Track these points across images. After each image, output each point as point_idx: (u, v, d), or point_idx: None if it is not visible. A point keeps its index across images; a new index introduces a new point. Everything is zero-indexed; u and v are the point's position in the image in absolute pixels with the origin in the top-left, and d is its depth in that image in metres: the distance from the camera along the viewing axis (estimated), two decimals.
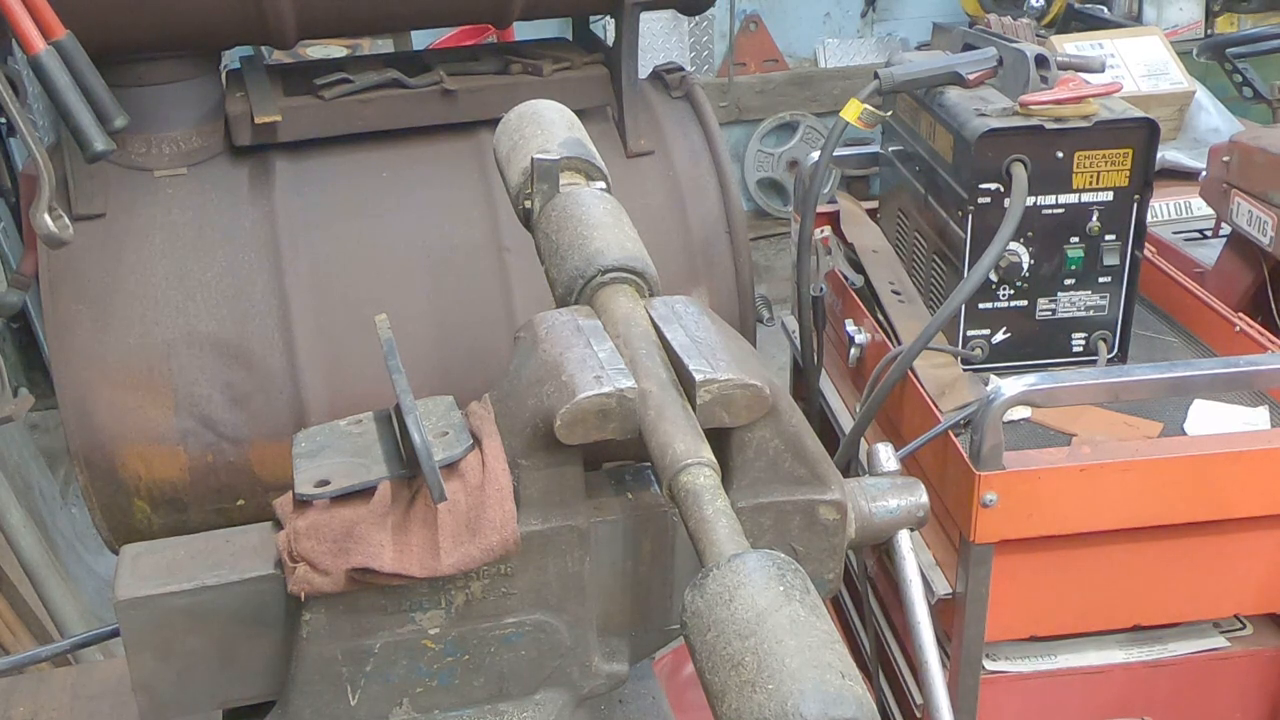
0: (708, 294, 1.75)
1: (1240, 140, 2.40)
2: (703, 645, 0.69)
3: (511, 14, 1.74)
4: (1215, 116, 3.27)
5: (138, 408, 1.55)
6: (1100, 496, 1.68)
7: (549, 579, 1.00)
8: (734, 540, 0.77)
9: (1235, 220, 2.38)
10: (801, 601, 0.69)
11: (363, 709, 1.01)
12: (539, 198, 1.13)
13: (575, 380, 0.92)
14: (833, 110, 4.31)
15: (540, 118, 1.22)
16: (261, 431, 1.58)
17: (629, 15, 1.71)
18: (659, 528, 1.03)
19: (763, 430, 0.98)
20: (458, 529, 0.94)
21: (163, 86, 1.62)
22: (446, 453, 0.96)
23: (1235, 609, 1.90)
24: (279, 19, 1.57)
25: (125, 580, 0.99)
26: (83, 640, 1.23)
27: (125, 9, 1.51)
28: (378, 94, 1.69)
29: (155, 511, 1.59)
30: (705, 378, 0.91)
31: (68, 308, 1.55)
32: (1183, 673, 1.90)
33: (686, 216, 1.75)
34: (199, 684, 1.02)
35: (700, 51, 5.73)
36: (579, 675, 1.05)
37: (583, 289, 1.05)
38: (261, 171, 1.66)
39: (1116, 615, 1.87)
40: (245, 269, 1.60)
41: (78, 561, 3.20)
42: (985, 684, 1.85)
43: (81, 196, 1.58)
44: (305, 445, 1.02)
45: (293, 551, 0.95)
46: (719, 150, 1.80)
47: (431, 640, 1.00)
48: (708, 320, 1.00)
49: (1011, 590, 1.77)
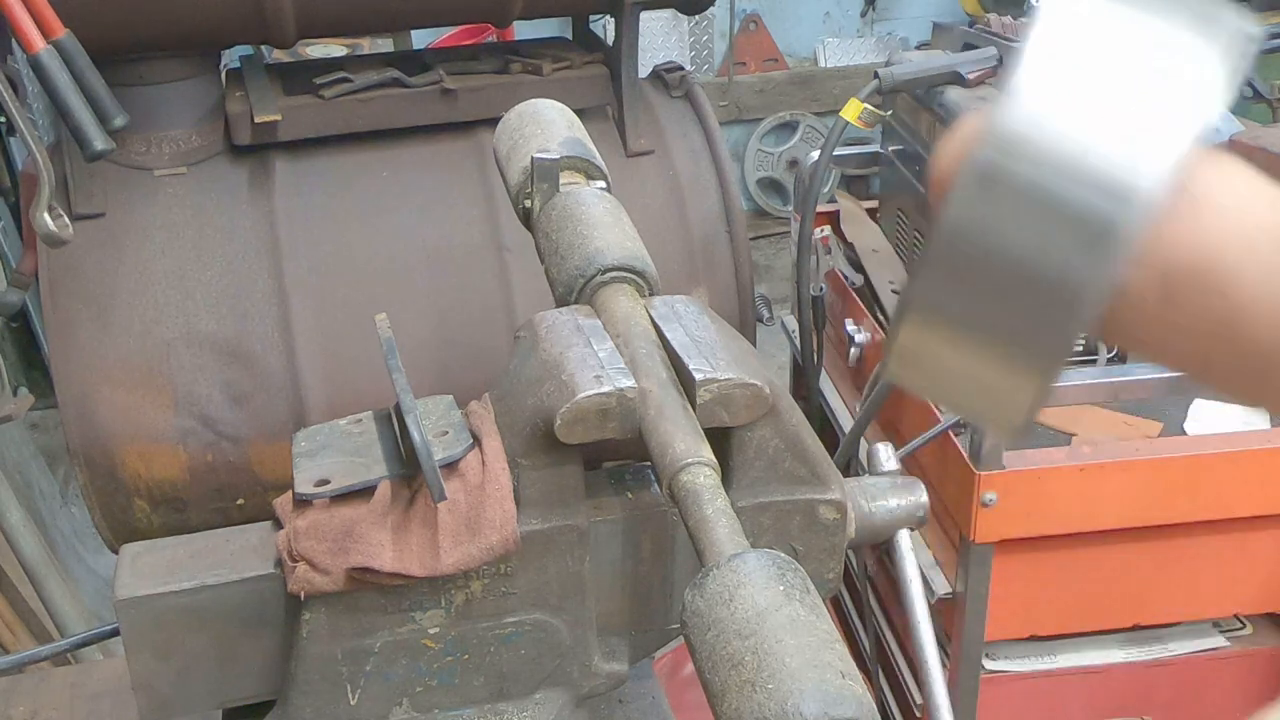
0: (708, 294, 1.75)
1: (1240, 140, 2.40)
2: (703, 645, 0.69)
3: (511, 13, 1.74)
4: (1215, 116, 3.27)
5: (138, 407, 1.55)
6: (1100, 496, 1.69)
7: (549, 579, 1.00)
8: (734, 540, 0.77)
9: None
10: (801, 601, 0.69)
11: (363, 708, 1.01)
12: (539, 197, 1.13)
13: (575, 380, 0.92)
14: (833, 110, 4.31)
15: (540, 117, 1.22)
16: (261, 431, 1.58)
17: (629, 15, 1.71)
18: (659, 527, 1.03)
19: (763, 430, 0.98)
20: (458, 528, 0.94)
21: (163, 86, 1.62)
22: (446, 452, 0.96)
23: (1235, 609, 1.91)
24: (279, 18, 1.57)
25: (125, 579, 0.99)
26: (83, 640, 1.23)
27: (125, 8, 1.51)
28: (378, 93, 1.69)
29: (155, 511, 1.59)
30: (705, 377, 0.91)
31: (68, 307, 1.55)
32: (1183, 672, 1.90)
33: (686, 216, 1.75)
34: (199, 683, 1.02)
35: (700, 51, 5.72)
36: (579, 675, 1.05)
37: (583, 288, 1.04)
38: (261, 171, 1.66)
39: (1116, 615, 1.87)
40: (245, 268, 1.60)
41: (78, 561, 3.20)
42: (985, 684, 1.85)
43: (81, 196, 1.58)
44: (305, 444, 1.02)
45: (293, 551, 0.95)
46: (719, 150, 1.80)
47: (431, 640, 1.00)
48: (708, 320, 1.00)
49: (1011, 590, 1.77)
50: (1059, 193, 0.34)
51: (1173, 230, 0.38)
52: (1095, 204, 0.34)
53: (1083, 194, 0.34)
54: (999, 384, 0.39)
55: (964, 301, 0.38)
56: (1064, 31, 0.36)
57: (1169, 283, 0.39)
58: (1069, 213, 0.35)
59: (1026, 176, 0.35)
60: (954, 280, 0.38)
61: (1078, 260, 0.35)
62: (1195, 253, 0.39)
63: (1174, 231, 0.38)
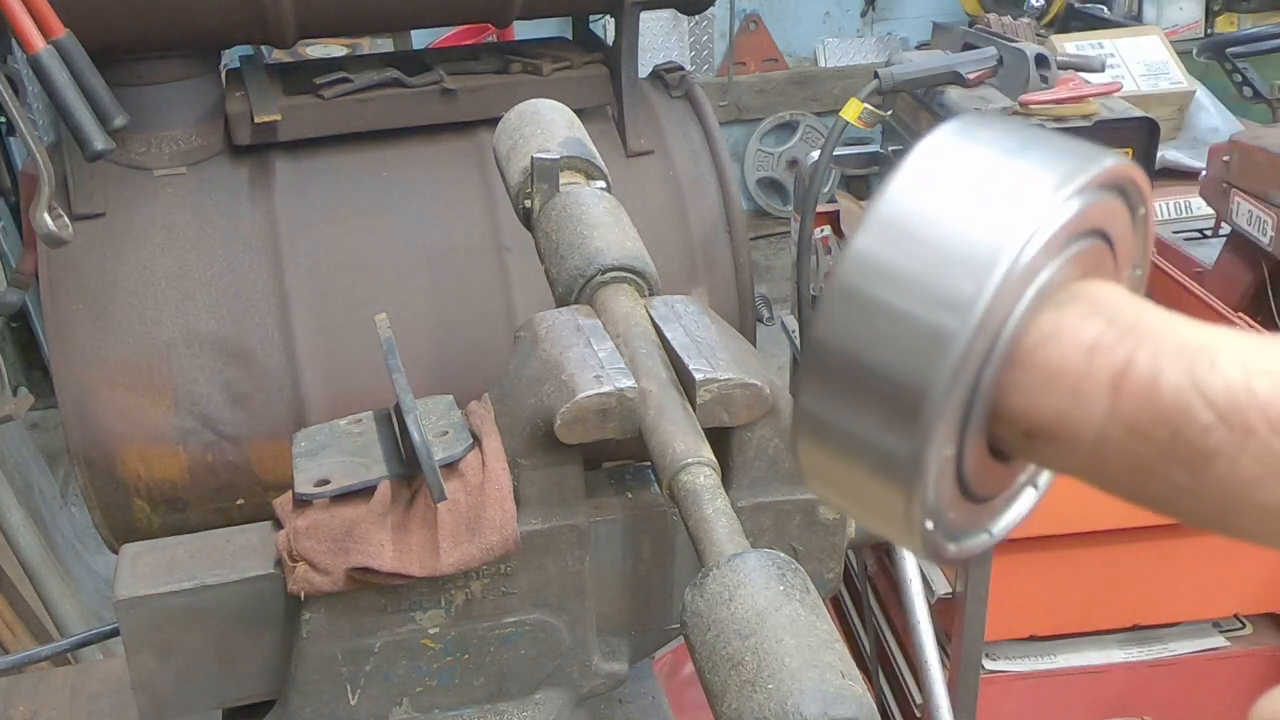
0: (708, 294, 1.75)
1: (1240, 140, 2.40)
2: (703, 645, 0.69)
3: (511, 13, 1.74)
4: (1215, 116, 3.27)
5: (137, 407, 1.55)
6: (1100, 496, 1.68)
7: (549, 578, 1.00)
8: (734, 540, 0.77)
9: (1235, 220, 2.38)
10: (801, 601, 0.69)
11: (363, 708, 1.01)
12: (539, 197, 1.13)
13: (575, 380, 0.92)
14: (833, 110, 4.31)
15: (540, 117, 1.22)
16: (261, 431, 1.58)
17: (629, 15, 1.71)
18: (659, 527, 1.03)
19: (763, 430, 0.98)
20: (458, 528, 0.94)
21: (163, 86, 1.62)
22: (446, 452, 0.96)
23: (1235, 609, 1.91)
24: (279, 18, 1.57)
25: (125, 579, 0.99)
26: (83, 640, 1.23)
27: (125, 8, 1.51)
28: (377, 93, 1.69)
29: (155, 511, 1.59)
30: (705, 377, 0.91)
31: (68, 307, 1.55)
32: (1183, 672, 1.90)
33: (686, 216, 1.75)
34: (199, 683, 1.02)
35: (700, 51, 5.72)
36: (579, 675, 1.05)
37: (583, 288, 1.04)
38: (261, 171, 1.66)
39: (1116, 615, 1.87)
40: (245, 268, 1.60)
41: (78, 561, 3.20)
42: (985, 684, 1.85)
43: (81, 196, 1.58)
44: (305, 445, 1.02)
45: (292, 551, 0.95)
46: (719, 150, 1.80)
47: (431, 640, 1.00)
48: (708, 320, 1.00)
49: (1011, 590, 1.77)
50: (900, 307, 0.39)
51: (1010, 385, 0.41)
52: (927, 316, 0.39)
53: (917, 307, 0.39)
54: (876, 499, 0.42)
55: (831, 413, 0.41)
56: (924, 162, 0.41)
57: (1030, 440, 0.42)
58: (908, 325, 0.39)
59: (873, 294, 0.40)
60: (822, 391, 0.41)
61: (917, 369, 0.39)
62: (1031, 409, 0.41)
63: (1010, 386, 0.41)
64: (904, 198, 0.40)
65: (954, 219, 0.39)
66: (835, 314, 0.40)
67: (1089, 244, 0.42)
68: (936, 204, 0.40)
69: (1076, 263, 0.41)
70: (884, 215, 0.40)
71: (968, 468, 0.43)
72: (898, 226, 0.40)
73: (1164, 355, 0.38)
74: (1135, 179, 0.43)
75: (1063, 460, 0.42)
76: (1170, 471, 0.39)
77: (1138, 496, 0.42)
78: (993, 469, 0.45)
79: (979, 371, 0.40)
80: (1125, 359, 0.39)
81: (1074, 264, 0.41)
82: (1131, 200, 0.44)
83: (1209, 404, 0.37)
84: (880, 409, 0.40)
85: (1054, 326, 0.40)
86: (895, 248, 0.40)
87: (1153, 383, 0.38)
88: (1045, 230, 0.39)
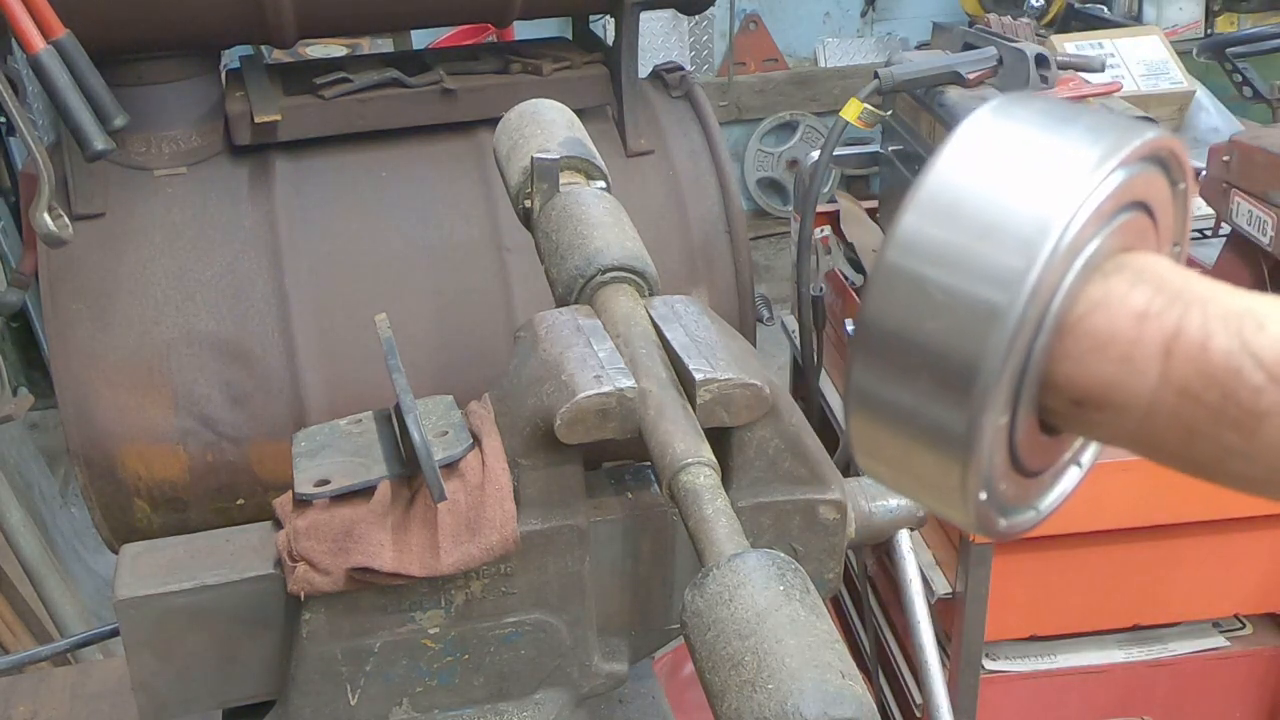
0: (708, 294, 1.75)
1: (1240, 140, 2.40)
2: (703, 645, 0.69)
3: (511, 13, 1.74)
4: (1215, 116, 3.27)
5: (137, 407, 1.55)
6: (1100, 496, 1.68)
7: (549, 579, 1.00)
8: (734, 540, 0.77)
9: (1235, 220, 2.38)
10: (801, 601, 0.69)
11: (363, 709, 1.01)
12: (539, 197, 1.13)
13: (575, 380, 0.92)
14: (833, 110, 4.30)
15: (540, 117, 1.22)
16: (261, 431, 1.58)
17: (629, 15, 1.71)
18: (659, 527, 1.03)
19: (763, 430, 0.98)
20: (458, 528, 0.94)
21: (163, 86, 1.62)
22: (446, 452, 0.96)
23: (1235, 609, 1.91)
24: (279, 18, 1.57)
25: (125, 580, 0.99)
26: (83, 640, 1.23)
27: (125, 8, 1.51)
28: (377, 93, 1.69)
29: (155, 511, 1.59)
30: (705, 377, 0.91)
31: (68, 307, 1.55)
32: (1183, 672, 1.90)
33: (686, 216, 1.75)
34: (199, 683, 1.02)
35: (700, 51, 5.72)
36: (579, 675, 1.05)
37: (583, 288, 1.04)
38: (261, 171, 1.66)
39: (1116, 615, 1.87)
40: (245, 268, 1.60)
41: (78, 561, 3.19)
42: (985, 684, 1.85)
43: (81, 196, 1.58)
44: (305, 445, 1.02)
45: (293, 551, 0.95)
46: (719, 150, 1.80)
47: (431, 640, 1.00)
48: (708, 320, 1.00)
49: (1011, 590, 1.77)
50: (950, 283, 0.40)
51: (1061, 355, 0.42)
52: (978, 290, 0.39)
53: (968, 283, 0.40)
54: (931, 470, 0.42)
55: (885, 389, 0.42)
56: (968, 141, 0.41)
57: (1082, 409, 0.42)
58: (960, 300, 0.40)
59: (923, 271, 0.40)
60: (875, 368, 0.42)
61: (969, 343, 0.39)
62: (1083, 379, 0.42)
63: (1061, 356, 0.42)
64: (949, 176, 0.41)
65: (1000, 195, 0.40)
66: (886, 291, 0.41)
67: (1132, 216, 0.42)
68: (981, 181, 0.40)
69: (1121, 234, 0.42)
70: (930, 194, 0.41)
71: (1019, 439, 0.43)
72: (943, 205, 0.40)
73: (1213, 320, 0.39)
74: (1175, 151, 0.43)
75: (1113, 427, 0.42)
76: (1221, 434, 0.39)
77: (1188, 462, 0.41)
78: (1042, 443, 0.45)
79: (1030, 342, 0.40)
80: (1175, 324, 0.39)
81: (1119, 235, 0.41)
82: (1172, 173, 0.44)
83: (1260, 365, 0.37)
84: (935, 382, 0.40)
85: (1103, 295, 0.41)
86: (942, 226, 0.40)
87: (1203, 346, 0.38)
88: (1091, 202, 0.39)
